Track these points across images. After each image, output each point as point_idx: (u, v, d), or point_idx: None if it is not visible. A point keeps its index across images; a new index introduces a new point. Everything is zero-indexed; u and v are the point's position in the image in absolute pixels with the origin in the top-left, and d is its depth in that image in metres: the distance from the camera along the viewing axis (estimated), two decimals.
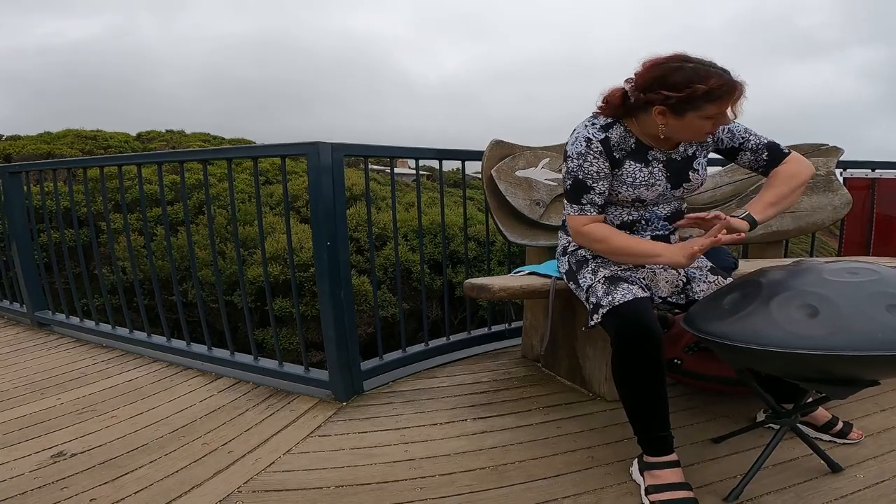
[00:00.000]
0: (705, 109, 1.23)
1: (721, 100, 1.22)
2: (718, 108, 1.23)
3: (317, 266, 1.77)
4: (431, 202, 7.15)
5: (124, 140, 10.52)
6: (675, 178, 1.40)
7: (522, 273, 1.78)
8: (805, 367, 1.08)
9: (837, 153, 2.18)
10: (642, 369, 1.22)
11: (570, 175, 1.37)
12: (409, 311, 4.45)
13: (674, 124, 1.28)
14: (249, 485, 1.34)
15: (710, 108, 1.23)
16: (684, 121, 1.26)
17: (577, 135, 1.36)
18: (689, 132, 1.30)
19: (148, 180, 5.68)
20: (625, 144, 1.37)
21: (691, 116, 1.25)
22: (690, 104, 1.23)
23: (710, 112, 1.24)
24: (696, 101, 1.22)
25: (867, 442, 1.44)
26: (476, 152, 2.06)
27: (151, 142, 11.29)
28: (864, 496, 1.21)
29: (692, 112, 1.24)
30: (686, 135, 1.32)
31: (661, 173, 1.38)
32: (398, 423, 1.64)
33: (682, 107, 1.24)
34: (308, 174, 1.73)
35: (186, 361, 2.18)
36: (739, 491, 1.21)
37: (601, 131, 1.35)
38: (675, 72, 1.23)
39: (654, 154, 1.38)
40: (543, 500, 1.24)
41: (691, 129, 1.28)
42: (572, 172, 1.36)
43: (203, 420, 1.70)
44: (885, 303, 1.02)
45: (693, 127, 1.28)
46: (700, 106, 1.23)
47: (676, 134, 1.32)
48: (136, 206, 5.31)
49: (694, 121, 1.26)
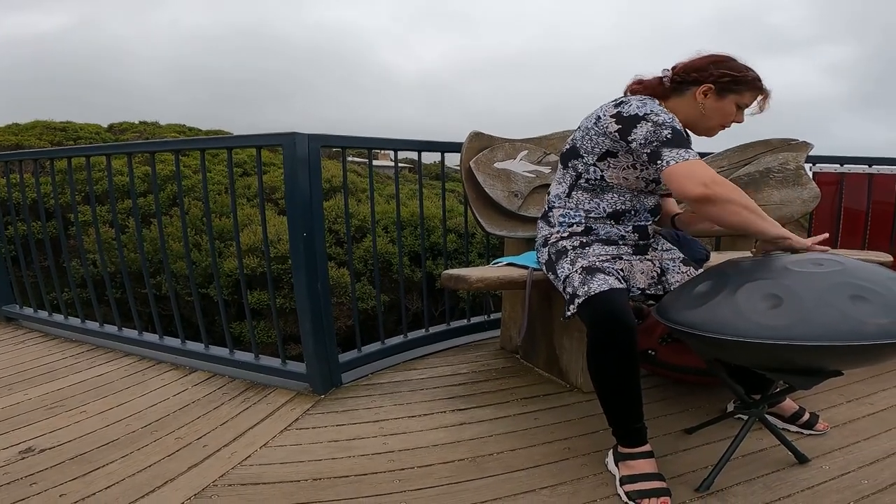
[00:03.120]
0: (744, 95, 1.37)
1: (759, 91, 1.38)
2: (751, 98, 1.38)
3: (293, 257, 1.75)
4: (413, 194, 7.12)
5: (95, 131, 10.24)
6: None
7: (500, 264, 1.78)
8: (769, 357, 1.10)
9: (807, 148, 2.23)
10: (616, 360, 1.23)
11: (665, 126, 1.27)
12: (390, 303, 4.44)
13: (711, 105, 1.38)
14: (225, 478, 1.32)
15: (747, 96, 1.38)
16: (722, 102, 1.37)
17: (642, 101, 1.33)
18: (719, 116, 1.40)
19: (120, 172, 5.54)
20: None
21: (730, 99, 1.37)
22: (738, 86, 1.36)
23: (746, 100, 1.38)
24: (744, 84, 1.36)
25: (833, 433, 1.47)
26: (455, 144, 2.06)
27: (124, 133, 11.01)
28: (829, 487, 1.23)
29: (733, 95, 1.37)
30: (716, 118, 1.40)
31: None
32: (377, 416, 1.63)
33: (730, 86, 1.36)
34: (284, 165, 1.71)
35: (159, 355, 2.14)
36: (710, 482, 1.23)
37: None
38: (730, 59, 1.38)
39: None
40: (521, 491, 1.25)
41: (722, 112, 1.39)
42: (668, 123, 1.28)
43: (177, 414, 1.67)
44: (848, 293, 1.03)
45: (725, 111, 1.39)
46: (742, 91, 1.37)
47: (709, 115, 1.40)
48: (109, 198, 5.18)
49: (728, 105, 1.38)
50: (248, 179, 7.31)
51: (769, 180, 2.17)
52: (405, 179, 9.78)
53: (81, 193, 4.93)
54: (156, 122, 12.31)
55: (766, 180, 2.17)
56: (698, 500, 1.19)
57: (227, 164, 1.92)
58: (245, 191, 6.73)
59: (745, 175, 2.18)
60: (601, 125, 1.36)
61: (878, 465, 1.31)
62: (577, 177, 1.44)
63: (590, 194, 1.44)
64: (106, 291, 2.45)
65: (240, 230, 5.20)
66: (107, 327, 2.35)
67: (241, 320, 5.10)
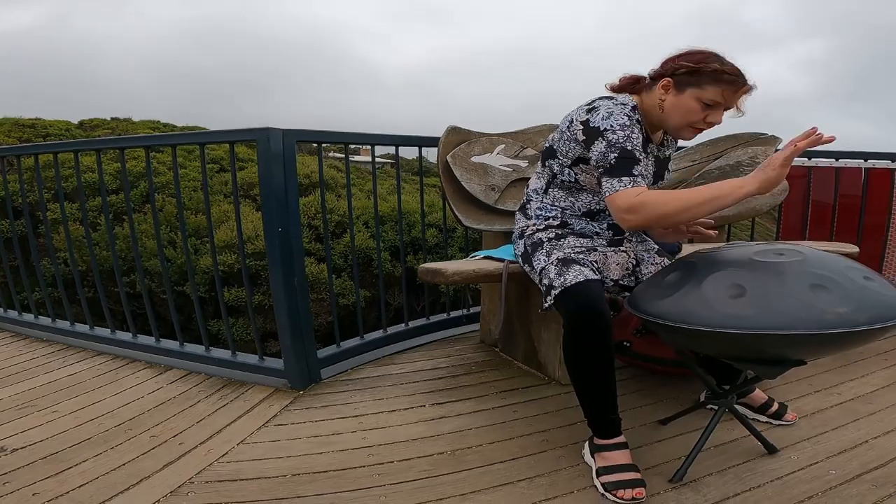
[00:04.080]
0: (705, 90, 1.25)
1: (724, 84, 1.24)
2: (719, 94, 1.25)
3: (268, 253, 1.73)
4: (394, 190, 7.04)
5: (65, 128, 9.98)
6: (656, 174, 1.45)
7: (478, 257, 1.79)
8: (734, 347, 1.11)
9: (776, 142, 2.27)
10: (592, 351, 1.24)
11: (615, 147, 1.25)
12: (371, 298, 4.42)
13: (670, 102, 1.30)
14: (202, 475, 1.31)
15: (709, 90, 1.25)
16: (682, 97, 1.28)
17: (609, 110, 1.29)
18: (680, 114, 1.30)
19: (90, 168, 5.41)
20: (640, 132, 1.36)
21: (690, 94, 1.27)
22: (695, 77, 1.26)
23: (708, 95, 1.25)
24: (700, 76, 1.25)
25: (801, 423, 1.50)
26: (433, 139, 2.05)
27: (95, 130, 10.75)
28: (798, 478, 1.25)
29: (692, 89, 1.26)
30: (676, 116, 1.31)
31: (651, 168, 1.41)
32: (356, 411, 1.63)
33: (687, 78, 1.26)
34: (258, 160, 1.69)
35: (133, 354, 2.10)
36: (683, 472, 1.24)
37: (633, 111, 1.32)
38: (696, 53, 1.29)
39: (651, 147, 1.41)
40: (500, 483, 1.26)
41: (684, 109, 1.29)
42: (618, 144, 1.25)
43: (151, 412, 1.64)
44: (808, 282, 1.04)
45: (686, 108, 1.28)
46: (702, 84, 1.25)
47: (669, 113, 1.32)
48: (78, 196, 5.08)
49: (688, 101, 1.27)
50: (225, 175, 7.21)
51: (739, 174, 2.22)
52: (386, 175, 9.73)
53: (51, 191, 4.81)
54: (129, 119, 12.03)
55: (737, 174, 2.21)
56: (672, 491, 1.21)
57: (201, 159, 1.89)
58: (222, 187, 6.63)
59: (717, 168, 2.22)
60: (572, 131, 1.35)
61: (845, 456, 1.33)
62: (553, 176, 1.45)
63: (566, 192, 1.46)
64: (77, 291, 2.40)
65: (216, 226, 5.13)
66: (78, 326, 2.31)
67: (218, 318, 5.04)
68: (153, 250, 4.90)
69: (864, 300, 1.02)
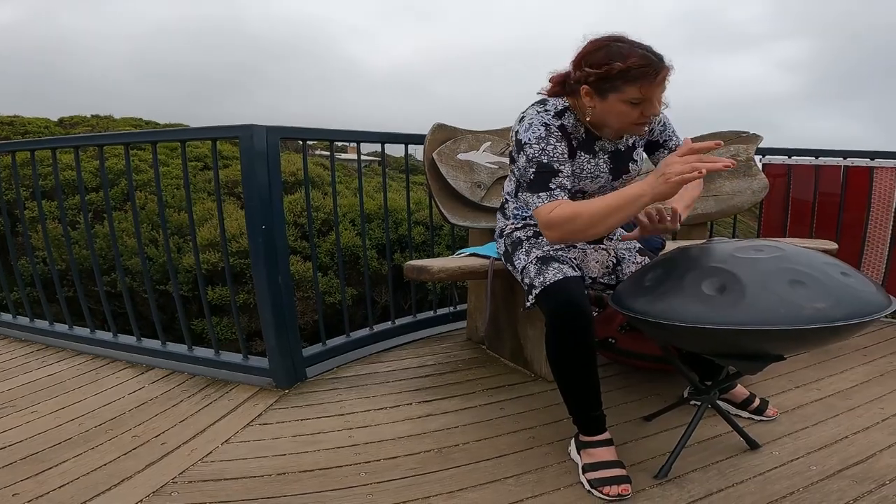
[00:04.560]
0: (624, 91, 1.20)
1: (639, 81, 1.18)
2: (638, 90, 1.20)
3: (252, 251, 1.72)
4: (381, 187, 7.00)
5: (44, 125, 9.80)
6: (617, 170, 1.41)
7: (463, 254, 1.79)
8: (715, 342, 1.12)
9: (757, 140, 2.31)
10: (573, 348, 1.24)
11: (532, 162, 1.25)
12: (358, 296, 4.39)
13: (599, 107, 1.26)
14: (185, 475, 1.29)
15: (628, 90, 1.20)
16: (607, 103, 1.24)
17: (530, 121, 1.28)
18: (614, 117, 1.26)
19: (70, 166, 5.31)
20: (577, 133, 1.33)
21: (613, 99, 1.22)
22: (608, 83, 1.21)
23: (630, 95, 1.20)
24: (613, 81, 1.20)
25: (782, 419, 1.52)
26: (419, 136, 2.05)
27: (75, 127, 10.55)
28: (779, 473, 1.26)
29: (613, 94, 1.22)
30: (612, 120, 1.28)
31: (605, 165, 1.38)
32: (342, 409, 1.62)
33: (601, 85, 1.22)
34: (241, 157, 1.67)
35: (113, 353, 2.07)
36: (668, 469, 1.25)
37: (556, 118, 1.29)
38: (599, 49, 1.21)
39: (601, 145, 1.37)
40: (487, 480, 1.26)
41: (614, 113, 1.25)
42: (535, 158, 1.25)
43: (133, 412, 1.62)
44: (787, 278, 1.05)
45: (616, 111, 1.24)
46: (619, 87, 1.20)
47: (603, 119, 1.29)
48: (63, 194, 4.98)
49: (616, 104, 1.23)
50: (209, 173, 7.12)
51: (721, 171, 2.24)
52: (373, 172, 9.70)
53: (29, 189, 4.71)
54: (110, 116, 11.83)
55: (719, 171, 2.25)
56: (657, 487, 1.22)
57: (182, 157, 1.86)
58: (206, 184, 6.55)
59: None
60: (511, 138, 1.35)
61: (825, 451, 1.35)
62: (518, 178, 1.42)
63: None
64: (56, 290, 2.36)
65: (200, 224, 5.07)
66: (57, 326, 2.27)
67: (202, 317, 4.97)
68: (134, 249, 4.82)
69: (841, 296, 1.03)
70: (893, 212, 2.41)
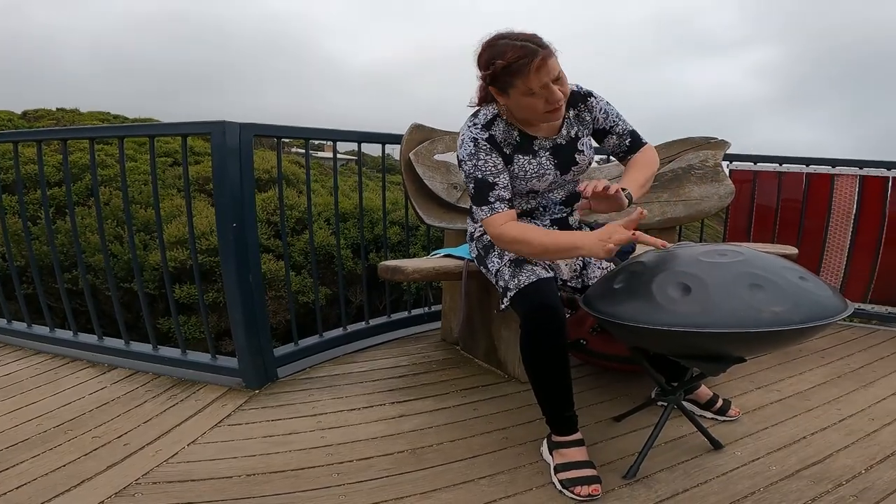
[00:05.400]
0: (517, 86, 1.22)
1: (521, 73, 1.19)
2: (527, 81, 1.20)
3: (221, 249, 1.68)
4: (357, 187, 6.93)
5: (7, 118, 9.45)
6: (563, 163, 1.41)
7: (438, 255, 1.79)
8: (679, 344, 1.14)
9: (725, 146, 2.36)
10: (547, 349, 1.26)
11: (470, 178, 1.32)
12: (332, 296, 4.34)
13: (509, 103, 1.29)
14: (149, 476, 1.26)
15: (520, 84, 1.21)
16: (512, 99, 1.26)
17: (462, 137, 1.33)
18: (524, 110, 1.28)
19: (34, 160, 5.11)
20: (510, 138, 1.35)
21: (513, 94, 1.24)
22: (500, 82, 1.23)
23: (523, 87, 1.21)
24: (502, 79, 1.22)
25: (744, 419, 1.56)
26: (396, 136, 2.04)
27: (39, 120, 10.20)
28: (741, 473, 1.29)
29: (510, 89, 1.23)
30: (524, 114, 1.30)
31: (549, 162, 1.39)
32: (314, 410, 1.60)
33: (498, 85, 1.24)
34: (212, 154, 1.64)
35: (74, 353, 2.00)
36: (636, 469, 1.27)
37: (483, 130, 1.32)
38: (485, 50, 1.24)
39: (540, 143, 1.38)
40: (460, 481, 1.26)
41: (522, 106, 1.26)
42: (471, 174, 1.32)
43: (94, 413, 1.57)
44: (748, 282, 1.07)
45: (523, 105, 1.26)
46: (510, 82, 1.22)
47: (518, 113, 1.31)
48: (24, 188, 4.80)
49: (518, 98, 1.25)
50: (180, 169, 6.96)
51: (690, 176, 2.29)
52: (351, 171, 9.63)
53: None
54: (76, 109, 11.47)
55: (688, 176, 2.29)
56: (626, 487, 1.24)
57: (150, 152, 1.81)
58: (175, 181, 6.40)
59: (670, 171, 2.29)
60: None
61: (785, 451, 1.38)
62: None
63: None
64: (14, 287, 2.27)
65: (169, 221, 4.94)
66: (15, 324, 2.18)
67: (170, 316, 4.84)
68: (98, 245, 4.68)
69: (798, 299, 1.06)
70: (852, 219, 2.50)
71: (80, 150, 5.63)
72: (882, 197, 2.44)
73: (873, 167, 2.48)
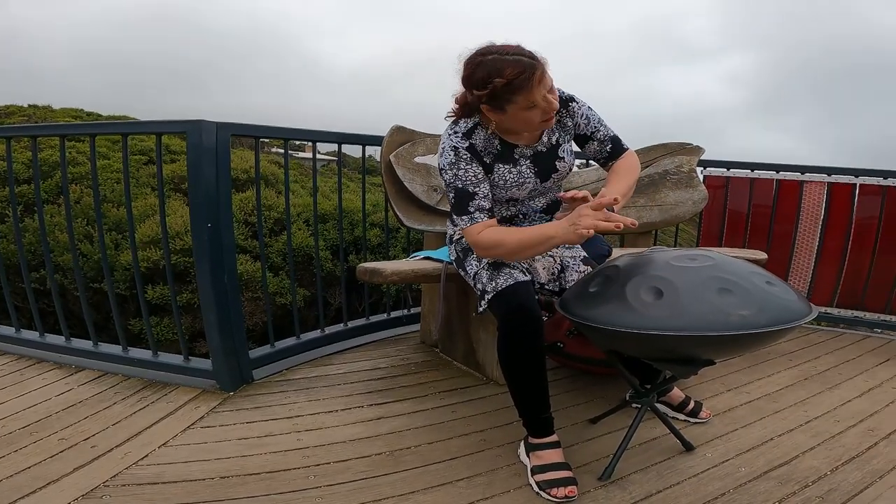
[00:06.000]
0: (518, 101, 1.21)
1: (524, 88, 1.19)
2: (528, 96, 1.20)
3: (195, 249, 1.66)
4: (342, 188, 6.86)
5: None
6: (543, 171, 1.41)
7: (417, 258, 1.79)
8: (651, 347, 1.16)
9: (699, 152, 2.40)
10: (524, 352, 1.27)
11: (450, 188, 1.32)
12: (312, 298, 4.30)
13: (504, 119, 1.27)
14: (118, 479, 1.23)
15: (519, 100, 1.21)
16: (509, 115, 1.25)
17: (443, 146, 1.33)
18: (521, 124, 1.28)
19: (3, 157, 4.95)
20: (491, 147, 1.35)
21: (511, 110, 1.23)
22: (500, 99, 1.21)
23: (523, 103, 1.21)
24: (503, 96, 1.20)
25: (715, 421, 1.58)
26: (377, 137, 2.04)
27: (10, 117, 9.91)
28: (712, 475, 1.31)
29: (508, 105, 1.22)
30: (521, 126, 1.30)
31: (529, 171, 1.39)
32: (291, 412, 1.58)
33: (495, 103, 1.23)
34: (187, 153, 1.61)
35: (40, 354, 1.95)
36: (611, 470, 1.29)
37: (464, 139, 1.32)
38: (476, 69, 1.22)
39: (520, 151, 1.38)
40: (438, 483, 1.26)
41: (520, 121, 1.26)
42: (451, 184, 1.31)
43: (60, 415, 1.53)
44: (717, 286, 1.10)
45: (520, 119, 1.26)
46: (509, 99, 1.21)
47: (513, 127, 1.31)
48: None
49: (517, 113, 1.24)
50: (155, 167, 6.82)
51: (666, 182, 2.33)
52: (332, 172, 9.55)
53: None
54: (48, 106, 11.18)
55: (664, 181, 2.33)
56: (601, 489, 1.25)
57: (123, 150, 1.78)
58: (150, 179, 6.26)
59: (646, 177, 2.33)
60: None
61: (753, 453, 1.41)
62: None
63: None
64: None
65: (143, 220, 4.83)
66: None
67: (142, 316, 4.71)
68: (67, 244, 4.55)
69: (765, 303, 1.08)
70: (820, 224, 2.57)
71: (52, 147, 5.48)
72: (849, 203, 2.52)
73: (841, 174, 2.56)
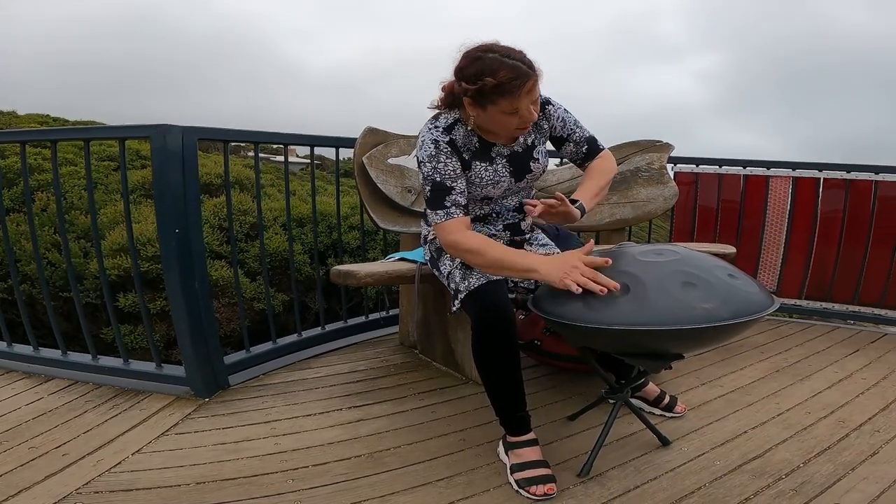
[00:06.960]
0: (500, 104, 1.23)
1: (511, 94, 1.21)
2: (513, 102, 1.22)
3: (164, 256, 1.63)
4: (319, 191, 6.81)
5: None
6: (518, 171, 1.43)
7: (392, 259, 1.79)
8: (619, 342, 1.17)
9: (669, 149, 2.44)
10: (498, 350, 1.27)
11: (427, 181, 1.31)
12: (290, 302, 4.25)
13: (482, 116, 1.29)
14: (91, 486, 1.20)
15: (502, 103, 1.22)
16: (487, 114, 1.27)
17: (422, 139, 1.33)
18: (497, 125, 1.30)
19: None
20: (470, 144, 1.36)
21: (492, 110, 1.25)
22: (484, 97, 1.23)
23: (506, 107, 1.23)
24: (488, 95, 1.22)
25: (690, 415, 1.59)
26: (350, 139, 2.03)
27: None
28: (688, 469, 1.32)
29: (490, 105, 1.24)
30: (495, 128, 1.32)
31: (504, 170, 1.40)
32: (268, 416, 1.56)
33: (479, 99, 1.24)
34: (152, 159, 1.59)
35: (7, 364, 1.90)
36: (589, 467, 1.29)
37: (445, 133, 1.32)
38: (472, 62, 1.23)
39: (497, 150, 1.39)
40: (418, 483, 1.26)
41: (496, 122, 1.29)
42: (429, 177, 1.30)
43: (30, 424, 1.49)
44: (682, 280, 1.11)
45: (497, 121, 1.28)
46: (494, 100, 1.22)
47: (488, 126, 1.32)
48: None
49: (496, 115, 1.26)
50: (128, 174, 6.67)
51: (638, 179, 2.37)
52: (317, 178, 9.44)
53: None
54: (13, 112, 10.83)
55: (636, 178, 2.36)
56: (580, 486, 1.26)
57: (85, 157, 1.74)
58: (119, 185, 6.14)
59: (618, 174, 2.35)
60: None
61: (728, 446, 1.42)
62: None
63: None
64: None
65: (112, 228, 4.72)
66: None
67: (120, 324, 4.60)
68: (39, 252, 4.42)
69: (728, 296, 1.10)
70: (787, 218, 2.63)
71: (17, 154, 5.33)
72: (814, 197, 2.58)
73: (805, 169, 2.62)
